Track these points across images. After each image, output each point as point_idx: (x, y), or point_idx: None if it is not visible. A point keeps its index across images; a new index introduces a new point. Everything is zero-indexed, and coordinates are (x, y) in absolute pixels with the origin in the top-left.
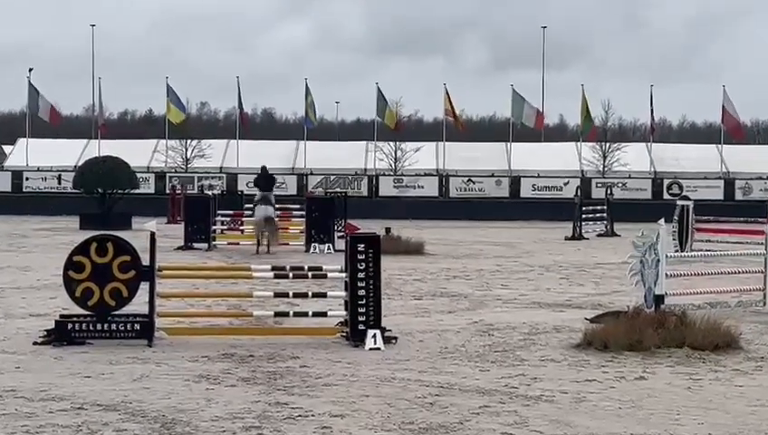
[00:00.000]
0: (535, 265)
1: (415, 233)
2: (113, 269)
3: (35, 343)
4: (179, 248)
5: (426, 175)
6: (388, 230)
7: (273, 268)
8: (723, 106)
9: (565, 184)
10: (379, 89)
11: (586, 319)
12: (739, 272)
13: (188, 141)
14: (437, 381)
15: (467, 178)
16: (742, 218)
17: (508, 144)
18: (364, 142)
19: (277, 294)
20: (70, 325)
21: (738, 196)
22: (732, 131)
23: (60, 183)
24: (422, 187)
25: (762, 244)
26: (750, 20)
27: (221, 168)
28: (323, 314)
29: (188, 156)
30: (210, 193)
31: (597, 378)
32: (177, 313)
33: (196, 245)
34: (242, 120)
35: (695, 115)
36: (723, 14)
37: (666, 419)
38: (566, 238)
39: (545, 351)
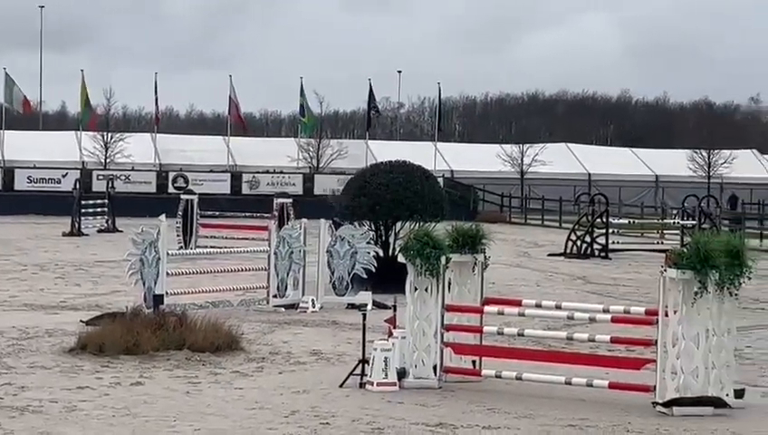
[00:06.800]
0: (29, 264)
1: None
2: None
3: None
4: None
5: None
6: None
7: None
8: (230, 97)
9: (64, 176)
10: None
11: (81, 321)
12: (243, 269)
13: None
14: None
15: None
16: (248, 214)
17: (1, 132)
18: None
19: None
20: None
21: (246, 190)
22: (235, 123)
23: None
24: None
25: (266, 240)
26: (270, 10)
27: None
28: None
29: None
30: None
31: (90, 385)
32: None
33: None
34: None
35: (203, 105)
36: (237, 1)
37: (162, 425)
38: (64, 234)
39: (36, 357)
